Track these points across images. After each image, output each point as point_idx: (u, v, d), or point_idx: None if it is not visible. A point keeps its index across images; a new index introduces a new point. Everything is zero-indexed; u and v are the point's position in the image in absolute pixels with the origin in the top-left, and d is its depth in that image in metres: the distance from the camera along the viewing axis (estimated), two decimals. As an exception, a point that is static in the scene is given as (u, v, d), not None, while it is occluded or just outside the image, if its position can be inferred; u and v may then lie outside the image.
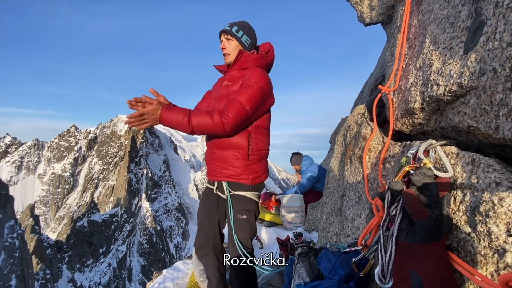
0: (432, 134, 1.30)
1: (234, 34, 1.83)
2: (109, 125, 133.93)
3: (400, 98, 1.47)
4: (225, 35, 1.86)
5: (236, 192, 1.82)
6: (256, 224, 1.89)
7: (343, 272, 1.08)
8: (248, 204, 1.83)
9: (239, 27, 1.84)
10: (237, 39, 1.83)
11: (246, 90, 1.69)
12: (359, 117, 2.07)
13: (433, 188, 0.85)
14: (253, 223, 1.86)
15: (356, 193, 1.70)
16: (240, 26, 1.85)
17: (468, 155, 0.88)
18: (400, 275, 0.84)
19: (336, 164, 2.44)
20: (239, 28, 1.84)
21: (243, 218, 1.80)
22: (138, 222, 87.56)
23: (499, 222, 0.70)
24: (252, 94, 1.68)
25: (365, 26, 2.78)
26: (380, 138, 1.66)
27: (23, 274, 41.78)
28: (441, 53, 1.13)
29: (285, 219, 4.12)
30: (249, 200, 1.83)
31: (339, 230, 1.87)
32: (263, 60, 1.87)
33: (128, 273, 75.22)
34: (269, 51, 1.93)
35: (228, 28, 1.84)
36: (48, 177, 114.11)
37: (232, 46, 1.84)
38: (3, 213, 41.80)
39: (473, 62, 0.89)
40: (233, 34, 1.83)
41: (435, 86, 1.09)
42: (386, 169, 1.41)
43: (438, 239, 0.78)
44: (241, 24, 1.86)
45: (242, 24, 1.86)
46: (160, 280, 2.91)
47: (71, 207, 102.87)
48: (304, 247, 1.34)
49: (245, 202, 1.82)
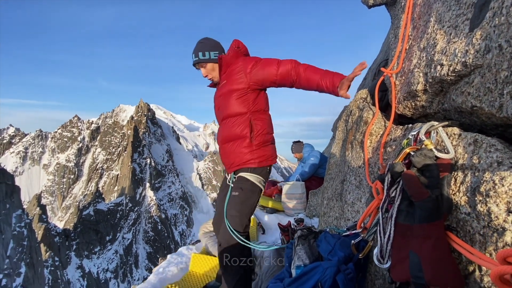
0: (434, 117, 1.28)
1: (203, 60, 1.97)
2: (111, 115, 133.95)
3: (402, 81, 1.44)
4: (198, 66, 2.01)
5: (239, 174, 1.93)
6: (251, 208, 1.90)
7: (342, 253, 1.09)
8: (243, 183, 1.88)
9: (201, 50, 1.96)
10: (208, 61, 1.97)
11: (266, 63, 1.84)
12: (361, 102, 2.04)
13: (433, 169, 0.84)
14: (246, 203, 1.86)
15: (356, 178, 1.70)
16: (202, 48, 1.96)
17: (471, 135, 0.86)
18: (399, 255, 0.85)
19: (337, 150, 2.42)
20: (202, 51, 1.96)
21: (235, 194, 1.87)
22: (143, 211, 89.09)
23: (499, 202, 0.70)
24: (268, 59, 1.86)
25: (368, 7, 2.69)
26: (381, 122, 1.63)
27: (32, 261, 43.06)
28: (446, 32, 1.09)
29: (286, 205, 4.15)
30: (246, 180, 1.88)
31: (339, 215, 1.88)
32: (239, 52, 2.00)
33: (135, 259, 77.27)
34: (239, 45, 2.04)
35: (196, 59, 1.98)
36: (53, 167, 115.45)
37: (210, 69, 2.00)
38: (10, 203, 42.65)
39: (479, 39, 0.86)
40: (202, 61, 1.97)
41: (439, 66, 1.06)
42: (387, 153, 1.40)
43: (437, 220, 0.78)
44: (201, 46, 1.97)
45: (202, 45, 1.98)
46: (165, 264, 2.98)
47: (77, 197, 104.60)
48: (303, 229, 1.35)
49: (241, 181, 1.89)
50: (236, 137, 1.91)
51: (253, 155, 1.89)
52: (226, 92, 1.94)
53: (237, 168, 1.94)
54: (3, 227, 40.30)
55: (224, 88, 1.96)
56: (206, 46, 1.98)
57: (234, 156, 1.92)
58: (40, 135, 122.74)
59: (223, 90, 1.97)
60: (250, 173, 1.88)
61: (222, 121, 2.01)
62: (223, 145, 2.00)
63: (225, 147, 1.98)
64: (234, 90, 1.90)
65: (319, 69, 1.74)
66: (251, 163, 1.89)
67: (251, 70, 1.85)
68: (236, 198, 1.86)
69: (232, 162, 1.95)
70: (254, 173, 1.89)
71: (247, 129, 1.88)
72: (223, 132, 1.98)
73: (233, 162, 1.94)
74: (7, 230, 41.30)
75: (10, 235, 41.68)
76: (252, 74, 1.85)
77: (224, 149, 2.00)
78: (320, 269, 1.04)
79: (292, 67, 1.77)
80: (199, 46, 1.99)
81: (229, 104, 1.92)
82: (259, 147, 1.91)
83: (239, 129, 1.90)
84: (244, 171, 1.91)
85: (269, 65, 1.82)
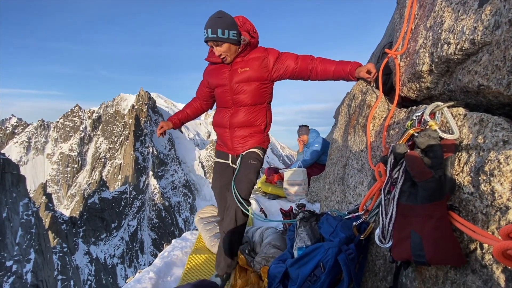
0: (439, 99, 1.25)
1: (221, 39, 1.80)
2: (112, 104, 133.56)
3: (407, 62, 1.40)
4: (212, 43, 1.84)
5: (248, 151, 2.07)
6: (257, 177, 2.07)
7: (344, 235, 1.10)
8: (258, 155, 2.06)
9: (221, 28, 1.77)
10: (226, 41, 1.82)
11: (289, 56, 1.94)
12: (364, 85, 2.01)
13: (437, 150, 0.83)
14: (258, 171, 2.05)
15: (359, 162, 1.69)
16: (221, 25, 1.77)
17: (476, 115, 0.84)
18: (400, 235, 0.86)
19: (340, 135, 2.41)
20: (222, 29, 1.77)
21: (253, 163, 2.02)
22: (147, 199, 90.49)
23: (504, 180, 0.69)
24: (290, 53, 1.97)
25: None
26: (385, 106, 1.61)
27: (41, 248, 44.31)
28: (454, 9, 1.05)
29: (288, 191, 4.20)
30: (258, 154, 2.07)
31: (341, 199, 1.89)
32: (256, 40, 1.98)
33: (140, 245, 79.26)
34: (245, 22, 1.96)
35: (213, 36, 1.79)
36: (56, 156, 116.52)
37: (226, 49, 1.85)
38: (16, 192, 43.40)
39: (488, 15, 0.83)
40: (220, 40, 1.80)
41: (446, 45, 1.03)
42: (390, 136, 1.38)
43: (439, 199, 0.78)
44: (221, 22, 1.78)
45: (221, 22, 1.78)
46: (170, 249, 3.05)
47: (82, 185, 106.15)
48: (305, 212, 1.36)
49: (255, 154, 2.06)
50: (253, 124, 2.04)
51: (264, 139, 2.13)
52: (246, 79, 1.94)
53: (249, 149, 2.06)
54: (11, 215, 41.23)
55: (244, 74, 1.93)
56: (225, 23, 1.79)
57: (248, 140, 2.06)
58: (43, 125, 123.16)
59: (242, 75, 1.93)
60: (259, 150, 2.08)
61: (237, 107, 2.02)
62: (236, 129, 2.06)
63: (237, 131, 2.06)
64: (256, 79, 1.94)
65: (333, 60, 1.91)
66: (263, 145, 2.13)
67: (274, 63, 1.93)
68: (253, 166, 2.01)
69: (245, 145, 2.07)
70: (262, 151, 2.10)
71: (264, 119, 2.08)
72: (239, 117, 2.02)
73: (247, 144, 2.07)
74: (15, 218, 42.28)
75: (18, 223, 42.70)
76: (275, 67, 1.94)
77: (235, 132, 2.07)
78: (321, 250, 1.06)
79: (310, 60, 1.91)
80: (218, 22, 1.79)
81: (251, 92, 1.96)
82: (267, 133, 2.16)
83: (257, 118, 2.04)
84: (254, 148, 2.06)
85: (289, 58, 1.92)
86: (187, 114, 2.28)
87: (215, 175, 2.27)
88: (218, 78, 2.04)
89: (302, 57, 1.93)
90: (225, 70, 2.00)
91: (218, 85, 2.06)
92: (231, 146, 2.11)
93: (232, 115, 2.03)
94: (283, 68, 1.94)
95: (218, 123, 2.15)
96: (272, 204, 4.11)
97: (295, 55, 1.94)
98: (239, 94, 1.97)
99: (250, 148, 2.07)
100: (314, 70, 1.90)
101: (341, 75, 1.87)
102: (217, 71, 2.05)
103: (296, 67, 1.92)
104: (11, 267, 37.32)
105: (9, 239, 39.78)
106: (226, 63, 1.97)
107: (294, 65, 1.92)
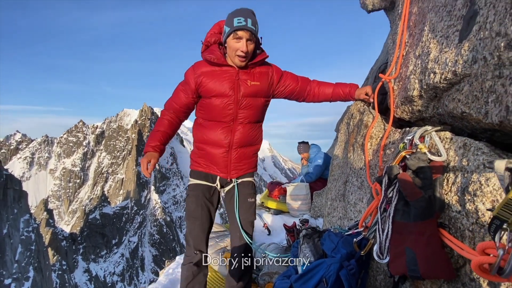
0: (430, 120, 1.35)
1: (256, 36, 1.61)
2: (115, 119, 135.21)
3: (400, 86, 1.51)
4: (248, 35, 1.57)
5: (245, 179, 1.88)
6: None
7: (345, 251, 1.16)
8: (254, 188, 1.91)
9: (256, 24, 1.60)
10: (255, 41, 1.62)
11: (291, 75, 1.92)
12: (362, 105, 2.11)
13: (427, 171, 0.91)
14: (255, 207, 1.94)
15: (358, 179, 1.77)
16: (256, 23, 1.61)
17: (461, 139, 0.93)
18: (396, 251, 0.92)
19: (340, 151, 2.49)
20: (256, 26, 1.60)
21: (252, 200, 1.86)
22: (148, 214, 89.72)
23: (485, 200, 0.77)
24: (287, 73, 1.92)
25: (368, 12, 2.76)
26: (381, 126, 1.71)
27: (40, 265, 43.58)
28: (439, 41, 1.16)
29: (291, 206, 4.22)
30: (253, 184, 1.92)
31: (342, 215, 1.95)
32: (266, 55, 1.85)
33: (141, 262, 77.73)
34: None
35: (252, 28, 1.56)
36: (59, 172, 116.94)
37: (251, 49, 1.62)
38: (18, 208, 43.29)
39: (467, 50, 0.94)
40: (255, 36, 1.60)
41: (432, 74, 1.13)
42: (386, 155, 1.47)
43: (430, 217, 0.85)
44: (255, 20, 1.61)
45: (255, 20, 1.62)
46: (174, 265, 3.07)
47: (83, 201, 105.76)
48: (308, 229, 1.42)
49: (252, 187, 1.89)
50: (253, 143, 1.87)
51: (256, 161, 1.96)
52: (255, 93, 1.73)
53: (244, 173, 1.87)
54: (12, 232, 40.88)
55: (254, 87, 1.71)
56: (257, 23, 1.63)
57: (245, 163, 1.86)
58: (46, 141, 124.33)
59: (251, 89, 1.71)
60: (253, 177, 1.94)
61: (238, 123, 1.75)
62: (237, 149, 1.79)
63: (237, 151, 1.80)
64: (263, 95, 1.79)
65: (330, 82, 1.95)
66: (255, 168, 1.95)
67: (278, 81, 1.84)
68: (253, 204, 1.88)
69: (242, 167, 1.84)
70: (254, 176, 1.96)
71: (261, 138, 1.94)
72: (241, 136, 1.77)
73: (242, 167, 1.85)
74: (15, 235, 41.88)
75: (18, 239, 42.25)
76: (279, 84, 1.85)
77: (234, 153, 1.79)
78: (324, 266, 1.11)
79: (308, 82, 1.94)
80: (253, 18, 1.60)
81: (256, 108, 1.77)
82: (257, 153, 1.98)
83: (257, 137, 1.89)
84: (249, 176, 1.90)
85: (291, 78, 1.89)
86: (168, 134, 1.83)
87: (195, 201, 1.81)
88: (220, 85, 1.67)
89: (302, 78, 1.94)
90: (231, 79, 1.68)
91: (218, 94, 1.68)
92: (226, 168, 1.81)
93: (233, 133, 1.75)
94: (284, 87, 1.88)
95: (212, 140, 1.77)
96: (275, 220, 4.13)
97: (295, 75, 1.93)
98: (244, 109, 1.72)
99: (246, 173, 1.88)
100: (312, 92, 1.94)
101: (340, 96, 1.94)
102: (219, 77, 1.68)
103: (296, 87, 1.89)
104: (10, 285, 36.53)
105: (8, 256, 39.23)
106: (238, 66, 1.67)
107: (294, 85, 1.89)
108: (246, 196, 1.85)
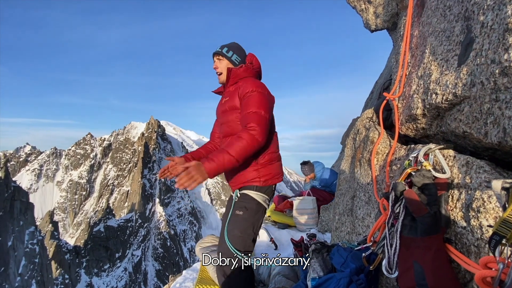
0: (434, 138, 1.40)
1: (225, 55, 2.01)
2: (122, 132, 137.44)
3: (404, 104, 1.57)
4: (216, 56, 2.05)
5: (243, 191, 1.88)
6: (255, 228, 1.85)
7: (354, 265, 1.19)
8: (248, 202, 1.83)
9: (228, 48, 2.03)
10: (227, 59, 2.01)
11: (250, 101, 1.77)
12: (367, 121, 2.17)
13: (431, 188, 0.96)
14: (250, 222, 1.81)
15: (365, 194, 1.80)
16: (230, 47, 2.04)
17: (463, 157, 0.98)
18: (404, 265, 0.95)
19: (347, 166, 2.53)
20: (228, 49, 2.02)
21: (239, 214, 1.81)
22: (152, 227, 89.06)
23: (488, 217, 0.81)
24: (257, 100, 1.77)
25: (371, 32, 2.88)
26: (387, 142, 1.76)
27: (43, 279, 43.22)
28: (439, 64, 1.23)
29: (298, 221, 4.21)
30: (251, 198, 1.84)
31: (351, 229, 1.97)
32: (251, 70, 2.01)
33: (144, 277, 76.41)
34: (253, 60, 2.08)
35: (219, 50, 2.04)
36: (66, 184, 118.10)
37: (223, 65, 2.02)
38: (24, 220, 43.54)
39: (465, 74, 1.00)
40: (223, 55, 2.01)
41: (434, 94, 1.20)
42: (393, 171, 1.51)
43: (436, 233, 0.89)
44: (231, 45, 2.06)
45: (231, 45, 2.06)
46: (181, 280, 3.07)
47: (88, 213, 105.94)
48: (317, 243, 1.45)
49: (246, 200, 1.84)
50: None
51: (259, 173, 1.87)
52: (228, 109, 1.92)
53: (241, 185, 1.89)
54: (16, 244, 40.93)
55: (226, 103, 1.94)
56: (235, 48, 2.05)
57: (239, 174, 1.90)
58: (55, 153, 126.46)
59: (225, 105, 1.95)
60: (255, 191, 1.85)
61: (225, 138, 1.97)
62: None
63: None
64: (235, 108, 1.88)
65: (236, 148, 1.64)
66: (256, 181, 1.86)
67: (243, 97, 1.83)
68: (239, 217, 1.80)
69: (236, 179, 1.91)
70: (260, 191, 1.85)
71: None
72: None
73: (237, 180, 1.90)
74: (20, 247, 41.88)
75: (22, 252, 42.20)
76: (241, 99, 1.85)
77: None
78: (334, 280, 1.14)
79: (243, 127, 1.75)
80: (229, 44, 2.06)
81: (232, 123, 1.90)
82: (264, 165, 1.89)
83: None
84: (249, 188, 1.86)
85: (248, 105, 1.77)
86: (202, 153, 2.09)
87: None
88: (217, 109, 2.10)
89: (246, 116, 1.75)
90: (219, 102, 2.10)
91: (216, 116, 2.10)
92: (228, 181, 2.04)
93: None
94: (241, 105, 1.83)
95: None
96: (282, 234, 4.11)
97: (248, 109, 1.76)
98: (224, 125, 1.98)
99: (244, 186, 1.89)
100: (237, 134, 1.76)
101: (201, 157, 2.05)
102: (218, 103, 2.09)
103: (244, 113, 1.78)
104: (12, 299, 36.19)
105: (11, 269, 39.07)
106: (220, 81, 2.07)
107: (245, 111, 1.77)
108: (235, 209, 1.84)
